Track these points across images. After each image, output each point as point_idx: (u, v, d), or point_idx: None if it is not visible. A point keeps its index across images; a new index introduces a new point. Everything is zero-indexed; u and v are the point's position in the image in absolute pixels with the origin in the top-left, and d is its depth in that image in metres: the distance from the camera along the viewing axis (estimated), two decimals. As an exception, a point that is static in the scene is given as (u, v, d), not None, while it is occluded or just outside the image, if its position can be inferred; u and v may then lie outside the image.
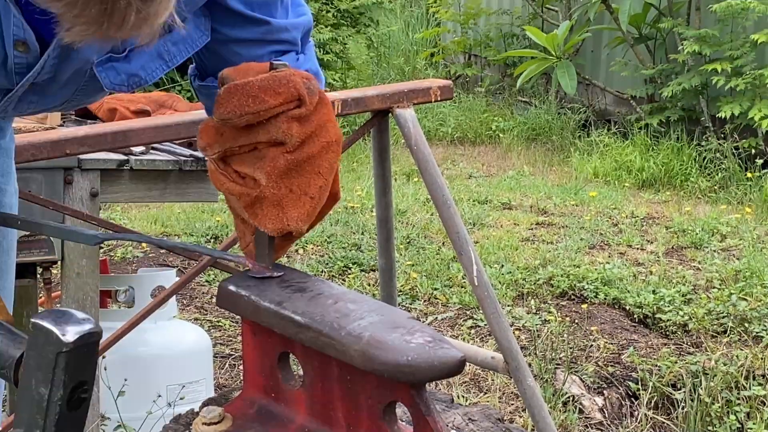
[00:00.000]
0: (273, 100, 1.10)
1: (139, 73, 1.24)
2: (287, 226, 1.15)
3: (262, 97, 1.10)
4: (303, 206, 1.16)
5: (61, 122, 2.64)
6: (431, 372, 1.01)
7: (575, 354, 4.03)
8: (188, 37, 1.26)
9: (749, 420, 3.54)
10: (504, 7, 9.90)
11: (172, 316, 3.00)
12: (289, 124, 1.12)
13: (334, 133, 1.16)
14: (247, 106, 1.10)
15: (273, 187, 1.14)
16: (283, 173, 1.13)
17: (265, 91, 1.10)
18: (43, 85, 1.22)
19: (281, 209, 1.15)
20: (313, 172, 1.15)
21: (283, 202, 1.15)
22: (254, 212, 1.16)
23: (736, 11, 6.82)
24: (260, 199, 1.14)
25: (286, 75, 1.12)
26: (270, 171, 1.13)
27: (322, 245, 5.33)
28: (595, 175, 7.33)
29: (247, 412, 1.19)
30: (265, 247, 1.20)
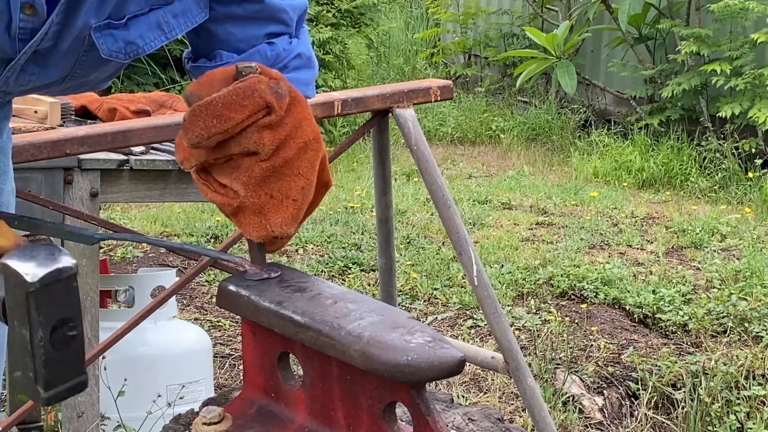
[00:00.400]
0: (239, 115, 1.09)
1: (137, 41, 1.23)
2: (271, 233, 1.15)
3: (227, 115, 1.08)
4: (286, 210, 1.15)
5: (61, 122, 2.64)
6: (431, 372, 1.01)
7: (575, 354, 4.03)
8: (188, 11, 1.26)
9: (749, 420, 3.54)
10: (504, 7, 9.90)
11: (172, 316, 3.00)
12: (260, 133, 1.11)
13: (311, 132, 1.15)
14: (213, 127, 1.08)
15: (252, 196, 1.13)
16: (259, 181, 1.13)
17: (229, 108, 1.08)
18: (44, 53, 1.21)
19: (263, 216, 1.14)
20: (292, 175, 1.14)
21: (265, 209, 1.14)
22: (238, 221, 1.16)
23: (735, 11, 6.83)
24: (241, 208, 1.14)
25: (250, 85, 1.10)
26: (246, 181, 1.13)
27: (322, 245, 5.33)
28: (595, 175, 7.33)
29: (247, 412, 1.19)
30: (256, 251, 1.20)
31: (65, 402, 2.51)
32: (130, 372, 2.72)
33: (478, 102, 9.23)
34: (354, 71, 9.17)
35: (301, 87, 1.27)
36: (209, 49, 1.33)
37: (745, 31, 7.13)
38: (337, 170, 7.19)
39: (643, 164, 7.22)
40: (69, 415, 2.50)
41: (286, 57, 1.32)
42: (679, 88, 7.22)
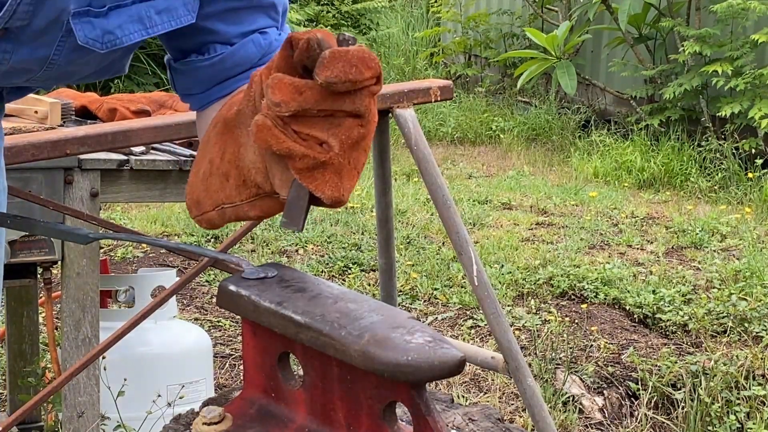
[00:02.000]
0: (367, 73, 1.10)
1: (115, 31, 1.22)
2: (342, 196, 1.16)
3: (360, 68, 1.10)
4: (353, 179, 1.17)
5: (62, 122, 2.64)
6: (431, 372, 1.01)
7: (575, 354, 4.03)
8: (173, 10, 1.25)
9: (749, 420, 3.54)
10: (504, 8, 9.90)
11: (172, 315, 3.00)
12: (370, 99, 1.13)
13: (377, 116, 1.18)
14: (350, 74, 1.09)
15: (342, 156, 1.13)
16: (352, 144, 1.14)
17: (362, 63, 1.10)
18: (16, 32, 1.19)
19: (340, 178, 1.15)
20: (363, 149, 1.16)
21: (343, 172, 1.15)
22: (312, 176, 1.15)
23: (737, 11, 6.83)
24: (326, 164, 1.14)
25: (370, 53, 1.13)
26: (344, 140, 1.13)
27: (322, 245, 5.33)
28: (595, 175, 7.33)
29: (247, 412, 1.19)
30: (302, 210, 1.18)
31: (65, 402, 2.51)
32: (130, 372, 2.72)
33: (479, 102, 9.23)
34: (354, 71, 9.16)
35: None
36: (199, 44, 1.32)
37: (746, 31, 7.13)
38: (337, 170, 7.18)
39: (644, 164, 7.23)
40: (69, 415, 2.50)
41: (277, 47, 1.33)
42: (679, 88, 7.22)
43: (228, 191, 1.21)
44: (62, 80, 1.34)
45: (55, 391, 2.27)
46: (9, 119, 2.59)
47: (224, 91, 1.30)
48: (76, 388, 2.49)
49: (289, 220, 1.18)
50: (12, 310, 3.04)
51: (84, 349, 2.46)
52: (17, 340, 3.04)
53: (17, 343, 3.04)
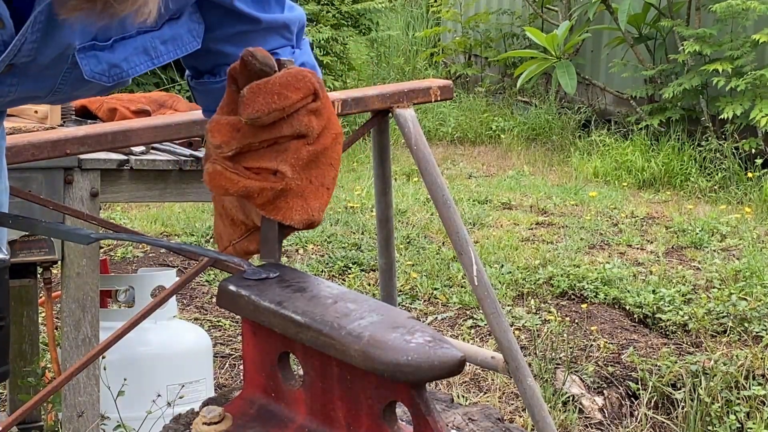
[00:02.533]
0: (295, 96, 1.12)
1: (122, 64, 1.22)
2: (312, 217, 1.17)
3: (285, 94, 1.11)
4: (321, 197, 1.18)
5: (62, 122, 2.64)
6: (431, 372, 1.01)
7: (575, 354, 4.03)
8: (178, 39, 1.26)
9: (749, 420, 3.54)
10: (504, 8, 9.90)
11: (172, 315, 3.00)
12: (309, 117, 1.14)
13: (338, 126, 1.19)
14: (273, 104, 1.11)
15: (297, 178, 1.15)
16: (305, 165, 1.15)
17: (286, 87, 1.12)
18: (22, 68, 1.19)
19: (305, 200, 1.16)
20: (327, 164, 1.17)
21: (306, 193, 1.16)
22: (277, 206, 1.16)
23: (737, 11, 6.83)
24: (285, 191, 1.15)
25: (300, 71, 1.14)
26: (294, 162, 1.14)
27: (322, 245, 5.33)
28: (595, 175, 7.33)
29: (247, 412, 1.19)
30: (275, 242, 1.20)
31: (65, 401, 2.51)
32: (130, 372, 2.72)
33: (479, 102, 9.23)
34: (354, 71, 9.17)
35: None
36: (211, 66, 1.33)
37: (746, 30, 7.13)
38: (337, 170, 7.18)
39: (644, 164, 7.23)
40: (69, 415, 2.50)
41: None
42: (679, 88, 7.22)
43: (228, 230, 1.24)
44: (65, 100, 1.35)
45: (55, 391, 2.27)
46: (9, 119, 2.59)
47: None
48: (76, 388, 2.49)
49: (264, 253, 1.20)
50: (12, 310, 3.04)
51: (84, 349, 2.46)
52: (17, 340, 3.04)
53: (17, 343, 3.04)
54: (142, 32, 1.22)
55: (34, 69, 1.20)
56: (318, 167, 1.16)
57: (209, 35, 1.29)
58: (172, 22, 1.24)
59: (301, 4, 8.38)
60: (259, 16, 1.29)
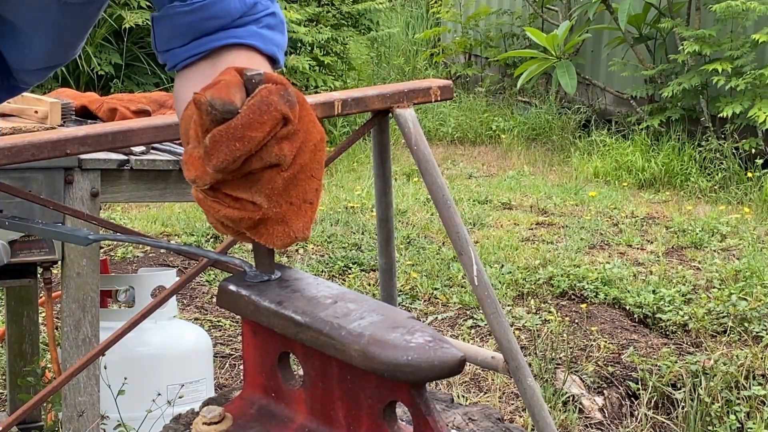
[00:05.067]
0: (260, 134, 1.07)
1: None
2: (294, 239, 1.15)
3: (249, 135, 1.07)
4: (305, 214, 1.15)
5: (62, 122, 2.64)
6: (431, 372, 1.01)
7: (575, 354, 4.03)
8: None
9: (749, 420, 3.54)
10: (504, 7, 9.90)
11: (172, 315, 3.00)
12: (280, 146, 1.10)
13: (317, 133, 1.14)
14: (237, 150, 1.07)
15: (275, 206, 1.12)
16: (282, 191, 1.12)
17: (249, 128, 1.07)
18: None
19: (286, 224, 1.14)
20: (307, 179, 1.15)
21: (287, 217, 1.14)
22: (258, 232, 1.15)
23: (737, 11, 6.83)
24: (263, 220, 1.13)
25: (264, 99, 1.08)
26: (269, 193, 1.12)
27: (322, 245, 5.33)
28: (596, 175, 7.33)
29: (248, 412, 1.19)
30: (266, 257, 1.20)
31: (65, 401, 2.51)
32: (130, 372, 2.72)
33: (479, 102, 9.23)
34: (354, 71, 9.17)
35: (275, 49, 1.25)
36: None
37: (746, 30, 7.13)
38: (337, 170, 7.19)
39: (644, 164, 7.23)
40: (69, 415, 2.50)
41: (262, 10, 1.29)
42: (679, 88, 7.22)
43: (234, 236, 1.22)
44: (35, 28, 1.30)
45: (55, 390, 2.27)
46: (9, 119, 2.59)
47: (201, 48, 1.25)
48: (76, 388, 2.49)
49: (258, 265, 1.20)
50: (12, 310, 3.04)
51: (84, 349, 2.46)
52: (17, 340, 3.04)
53: (17, 343, 3.04)
54: None
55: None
56: (297, 186, 1.13)
57: None
58: None
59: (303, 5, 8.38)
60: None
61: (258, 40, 1.24)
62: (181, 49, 1.27)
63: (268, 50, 1.25)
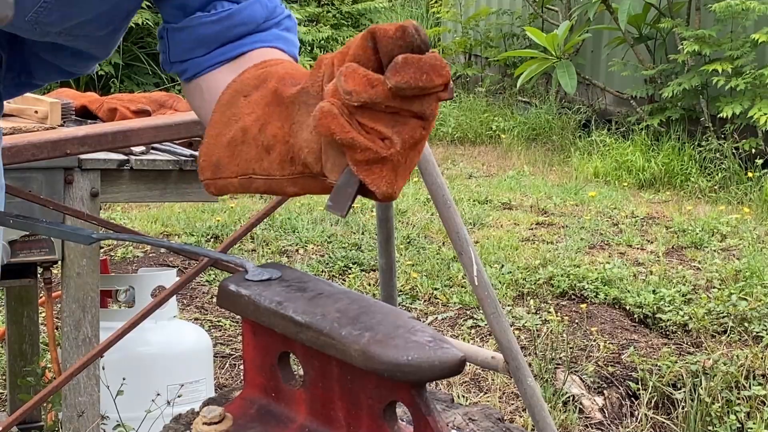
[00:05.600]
0: (439, 81, 1.10)
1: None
2: (394, 193, 1.16)
3: (431, 76, 1.10)
4: (405, 178, 1.17)
5: (62, 122, 2.64)
6: (432, 372, 1.01)
7: (575, 354, 4.03)
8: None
9: (749, 420, 3.54)
10: (504, 7, 9.90)
11: (172, 315, 3.00)
12: (436, 104, 1.13)
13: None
14: (420, 81, 1.09)
15: (402, 154, 1.13)
16: (413, 144, 1.13)
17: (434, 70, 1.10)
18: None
19: (396, 176, 1.15)
20: (419, 151, 1.17)
21: (399, 170, 1.15)
22: (370, 170, 1.14)
23: (736, 11, 6.83)
24: (384, 160, 1.14)
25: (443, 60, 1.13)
26: (407, 139, 1.13)
27: (322, 245, 5.33)
28: (596, 175, 7.33)
29: (248, 412, 1.19)
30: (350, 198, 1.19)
31: (65, 401, 2.51)
32: (130, 372, 2.72)
33: (479, 102, 9.23)
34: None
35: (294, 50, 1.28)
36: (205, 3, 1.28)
37: (746, 30, 7.13)
38: (337, 170, 7.18)
39: (644, 164, 7.23)
40: (69, 415, 2.51)
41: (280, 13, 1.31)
42: (679, 88, 7.22)
43: (267, 164, 1.19)
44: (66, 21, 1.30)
45: (55, 390, 2.27)
46: (9, 119, 2.59)
47: (227, 55, 1.27)
48: (76, 388, 2.49)
49: (334, 204, 1.18)
50: (12, 310, 3.04)
51: (84, 349, 2.46)
52: (17, 340, 3.04)
53: (17, 343, 3.04)
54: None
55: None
56: (415, 150, 1.15)
57: None
58: None
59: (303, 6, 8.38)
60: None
61: (281, 42, 1.28)
62: (203, 58, 1.29)
63: (290, 52, 1.28)
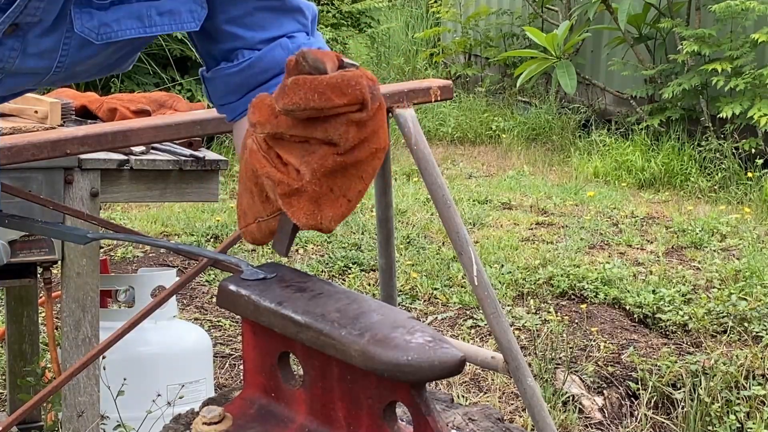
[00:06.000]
0: (338, 100, 1.09)
1: (112, 24, 1.23)
2: (320, 224, 1.15)
3: (329, 95, 1.09)
4: (339, 207, 1.15)
5: (62, 122, 2.64)
6: (431, 372, 1.01)
7: (575, 354, 4.03)
8: (176, 14, 1.26)
9: (749, 420, 3.54)
10: (504, 7, 9.90)
11: (172, 315, 3.00)
12: (348, 127, 1.11)
13: (383, 140, 1.16)
14: (312, 101, 1.09)
15: (315, 184, 1.13)
16: (328, 173, 1.13)
17: (332, 90, 1.09)
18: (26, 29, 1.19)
19: (318, 206, 1.14)
20: (356, 176, 1.15)
21: (321, 200, 1.14)
22: (289, 203, 1.15)
23: (736, 11, 6.83)
24: (299, 192, 1.14)
25: (355, 76, 1.11)
26: (317, 168, 1.12)
27: (322, 245, 5.33)
28: (596, 175, 7.33)
29: (247, 412, 1.19)
30: (287, 237, 1.19)
31: (65, 401, 2.51)
32: (130, 372, 2.72)
33: (479, 102, 9.23)
34: (354, 71, 9.16)
35: None
36: (227, 51, 1.33)
37: (746, 30, 7.13)
38: (337, 170, 7.18)
39: (644, 164, 7.23)
40: (69, 415, 2.50)
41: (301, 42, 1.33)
42: (679, 88, 7.22)
43: (257, 206, 1.22)
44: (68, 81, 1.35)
45: (55, 391, 2.27)
46: (9, 119, 2.59)
47: None
48: (76, 388, 2.49)
49: (275, 244, 1.20)
50: (12, 310, 3.04)
51: (84, 349, 2.46)
52: (17, 340, 3.04)
53: (17, 343, 3.04)
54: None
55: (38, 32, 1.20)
56: (344, 178, 1.14)
57: (222, 16, 1.29)
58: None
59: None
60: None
61: None
62: (236, 103, 1.35)
63: None
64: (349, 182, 1.15)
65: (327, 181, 1.13)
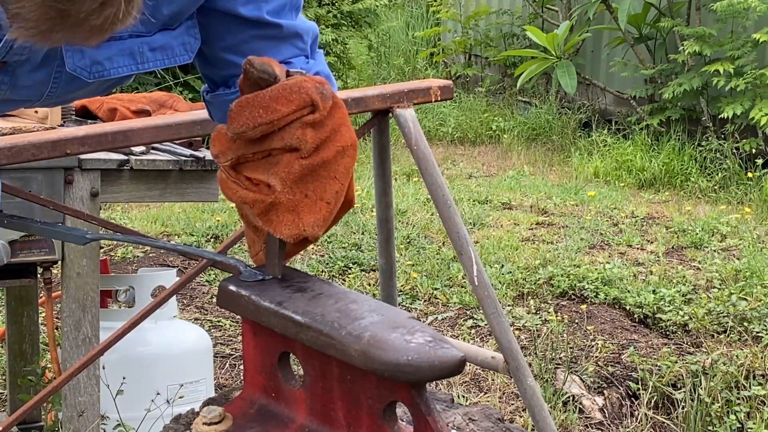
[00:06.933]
0: (285, 108, 1.10)
1: (104, 62, 1.22)
2: (303, 232, 1.15)
3: (274, 107, 1.10)
4: (319, 211, 1.15)
5: (62, 122, 2.64)
6: (432, 372, 1.01)
7: (575, 354, 4.03)
8: (169, 49, 1.25)
9: (749, 420, 3.54)
10: (504, 7, 9.90)
11: (172, 315, 3.00)
12: (303, 130, 1.12)
13: (348, 137, 1.16)
14: (259, 117, 1.10)
15: (288, 192, 1.13)
16: (298, 178, 1.13)
17: (276, 101, 1.10)
18: (14, 66, 1.19)
19: (297, 215, 1.14)
20: (328, 177, 1.15)
21: (299, 208, 1.14)
22: (269, 219, 1.15)
23: (737, 11, 6.82)
24: (275, 205, 1.14)
25: (297, 82, 1.12)
26: (285, 176, 1.13)
27: (322, 245, 5.33)
28: (596, 175, 7.33)
29: (248, 412, 1.19)
30: (275, 255, 1.19)
31: (65, 401, 2.51)
32: (130, 372, 2.72)
33: (479, 102, 9.23)
34: (354, 71, 9.17)
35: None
36: (225, 77, 1.32)
37: (746, 30, 7.12)
38: (337, 170, 7.17)
39: (644, 164, 7.22)
40: (69, 415, 2.50)
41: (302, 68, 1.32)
42: (679, 88, 7.22)
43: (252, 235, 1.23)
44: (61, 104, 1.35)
45: (55, 391, 2.27)
46: (9, 119, 2.59)
47: None
48: (76, 388, 2.49)
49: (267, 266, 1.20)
50: (12, 310, 3.04)
51: (84, 349, 2.46)
52: (17, 340, 3.04)
53: (17, 343, 3.04)
54: (133, 35, 1.22)
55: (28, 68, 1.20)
56: (316, 181, 1.14)
57: (218, 44, 1.29)
58: (166, 31, 1.24)
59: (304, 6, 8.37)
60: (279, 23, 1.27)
61: None
62: None
63: None
64: (323, 184, 1.15)
65: (299, 188, 1.13)
